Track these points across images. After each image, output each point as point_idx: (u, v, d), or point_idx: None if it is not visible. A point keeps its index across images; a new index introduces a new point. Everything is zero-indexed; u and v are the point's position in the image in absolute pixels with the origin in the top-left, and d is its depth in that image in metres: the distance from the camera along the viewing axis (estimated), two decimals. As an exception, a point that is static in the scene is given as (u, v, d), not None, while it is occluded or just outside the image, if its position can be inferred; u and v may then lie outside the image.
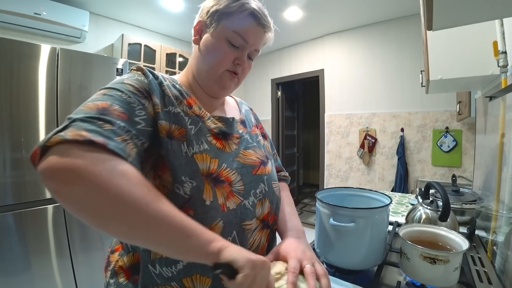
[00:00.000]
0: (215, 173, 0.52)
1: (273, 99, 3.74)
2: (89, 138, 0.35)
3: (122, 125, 0.41)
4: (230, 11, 0.55)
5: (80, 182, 0.33)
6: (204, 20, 0.58)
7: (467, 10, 0.45)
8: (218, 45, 0.56)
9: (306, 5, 2.43)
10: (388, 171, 2.76)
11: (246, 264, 0.38)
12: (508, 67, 0.80)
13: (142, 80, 0.50)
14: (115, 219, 0.35)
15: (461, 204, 1.02)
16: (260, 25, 0.57)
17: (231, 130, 0.61)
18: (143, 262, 0.50)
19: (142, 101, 0.47)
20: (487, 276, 0.68)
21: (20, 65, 1.45)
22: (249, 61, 0.61)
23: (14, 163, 1.44)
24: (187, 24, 2.81)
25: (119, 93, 0.45)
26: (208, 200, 0.49)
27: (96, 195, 0.34)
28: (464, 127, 2.31)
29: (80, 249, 1.66)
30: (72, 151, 0.34)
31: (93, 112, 0.40)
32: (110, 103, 0.42)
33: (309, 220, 3.59)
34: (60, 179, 0.34)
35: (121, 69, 1.86)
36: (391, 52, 2.71)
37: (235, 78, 0.60)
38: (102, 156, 0.36)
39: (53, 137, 0.35)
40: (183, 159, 0.49)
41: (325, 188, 0.81)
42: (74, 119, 0.38)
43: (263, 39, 0.60)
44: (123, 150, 0.39)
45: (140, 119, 0.45)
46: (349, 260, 0.65)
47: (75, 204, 0.35)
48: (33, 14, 1.91)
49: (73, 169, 0.33)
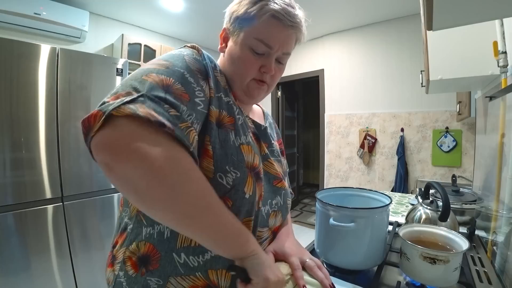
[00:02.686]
0: (257, 168, 0.51)
1: (273, 99, 3.74)
2: (161, 120, 0.35)
3: (184, 109, 0.40)
4: (250, 17, 0.51)
5: (139, 163, 0.33)
6: (228, 27, 0.55)
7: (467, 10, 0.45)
8: (241, 54, 0.53)
9: (306, 5, 2.43)
10: (388, 171, 2.76)
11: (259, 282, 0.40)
12: (508, 67, 0.80)
13: (200, 61, 0.49)
14: (163, 206, 0.36)
15: (461, 204, 1.02)
16: (285, 27, 0.52)
17: (262, 137, 0.60)
18: (165, 251, 0.47)
19: (201, 82, 0.47)
20: (487, 276, 0.68)
21: (20, 65, 1.45)
22: (279, 66, 0.57)
23: (14, 163, 1.44)
24: (187, 24, 2.81)
25: (181, 70, 0.44)
26: (248, 194, 0.48)
27: (150, 179, 0.34)
28: (464, 127, 2.31)
29: (80, 249, 1.66)
30: (139, 130, 0.34)
31: (159, 90, 0.39)
32: (173, 80, 0.42)
33: (309, 220, 3.59)
34: (119, 154, 0.33)
35: (121, 69, 1.86)
36: (391, 52, 2.71)
37: (264, 86, 0.56)
38: (167, 142, 0.36)
39: (122, 107, 0.34)
40: (229, 148, 0.48)
41: (325, 188, 0.81)
42: (142, 94, 0.37)
43: (291, 40, 0.55)
44: (187, 138, 0.38)
45: (200, 100, 0.44)
46: (349, 260, 0.65)
47: (125, 182, 0.35)
48: (33, 14, 1.91)
49: (136, 148, 0.33)
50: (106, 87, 1.77)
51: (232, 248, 0.41)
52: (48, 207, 1.55)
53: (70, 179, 1.63)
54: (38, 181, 1.52)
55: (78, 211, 1.66)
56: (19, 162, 1.46)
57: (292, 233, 0.64)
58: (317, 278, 0.48)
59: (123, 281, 0.49)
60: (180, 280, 0.46)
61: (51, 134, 1.56)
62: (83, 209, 1.69)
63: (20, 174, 1.46)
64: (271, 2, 0.51)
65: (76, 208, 1.65)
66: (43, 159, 1.53)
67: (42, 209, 1.52)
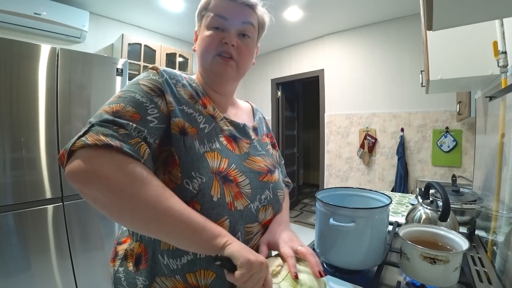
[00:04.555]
0: (224, 171, 0.53)
1: (273, 99, 3.74)
2: (107, 142, 0.40)
3: (134, 126, 0.44)
4: (207, 4, 0.58)
5: (97, 185, 0.39)
6: (196, 26, 0.62)
7: (467, 10, 0.45)
8: (203, 35, 0.57)
9: (306, 5, 2.43)
10: (388, 171, 2.76)
11: (244, 264, 0.41)
12: (508, 67, 0.80)
13: (156, 80, 0.52)
14: (128, 216, 0.41)
15: (461, 204, 1.02)
16: (236, 3, 0.56)
17: (241, 135, 0.62)
18: (153, 252, 0.52)
19: (155, 99, 0.50)
20: (487, 276, 0.68)
21: (20, 65, 1.45)
22: (243, 39, 0.58)
23: (14, 163, 1.44)
24: (187, 24, 2.81)
25: (133, 94, 0.48)
26: (216, 197, 0.50)
27: (111, 195, 0.40)
28: (464, 127, 2.31)
29: (80, 249, 1.66)
30: (91, 156, 0.40)
31: (108, 116, 0.44)
32: (123, 105, 0.46)
33: (309, 220, 3.59)
34: (82, 180, 0.39)
35: (121, 69, 1.86)
36: (391, 52, 2.71)
37: (230, 61, 0.57)
38: (118, 159, 0.41)
39: (76, 142, 0.40)
40: (195, 155, 0.50)
41: (325, 188, 0.81)
42: (93, 124, 0.42)
43: (248, 12, 0.58)
44: (137, 152, 0.43)
45: (153, 117, 0.48)
46: (349, 260, 0.65)
47: (95, 202, 0.41)
48: (33, 14, 1.91)
49: (91, 173, 0.39)
50: (106, 87, 1.77)
51: (204, 243, 0.43)
52: (48, 207, 1.55)
53: (70, 179, 1.63)
54: (38, 181, 1.52)
55: (78, 211, 1.66)
56: (19, 162, 1.46)
57: (286, 222, 0.64)
58: (309, 263, 0.50)
59: (121, 276, 0.54)
60: (164, 280, 0.50)
61: (51, 134, 1.56)
62: (83, 209, 1.69)
63: (20, 174, 1.46)
64: None
65: (76, 208, 1.65)
66: (43, 159, 1.53)
67: (42, 209, 1.52)
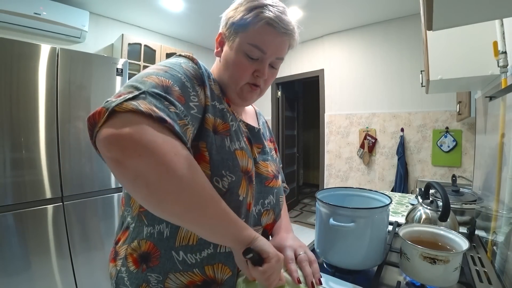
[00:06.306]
0: (250, 171, 0.54)
1: (273, 99, 3.74)
2: (161, 116, 0.37)
3: (182, 109, 0.42)
4: (245, 23, 0.52)
5: (148, 157, 0.34)
6: (224, 32, 0.57)
7: (467, 10, 0.45)
8: (236, 59, 0.54)
9: (306, 5, 2.43)
10: (388, 171, 2.76)
11: (274, 257, 0.43)
12: (508, 67, 0.80)
13: (196, 69, 0.51)
14: (174, 197, 0.37)
15: (461, 204, 1.02)
16: (279, 33, 0.53)
17: (255, 140, 0.63)
18: (165, 249, 0.50)
19: (196, 88, 0.49)
20: (487, 276, 0.68)
21: (20, 65, 1.44)
22: (272, 70, 0.59)
23: (14, 163, 1.44)
24: (187, 24, 2.81)
25: (179, 74, 0.46)
26: (242, 196, 0.51)
27: (162, 172, 0.35)
28: (464, 127, 2.31)
29: (80, 249, 1.66)
30: (143, 124, 0.35)
31: (159, 88, 0.41)
32: (172, 82, 0.43)
33: (309, 220, 3.59)
34: (129, 148, 0.34)
35: (121, 69, 1.86)
36: (391, 52, 2.71)
37: (257, 90, 0.58)
38: (170, 137, 0.37)
39: (124, 103, 0.35)
40: (225, 153, 0.50)
41: (325, 188, 0.81)
42: (144, 91, 0.38)
43: (284, 46, 0.57)
44: (184, 134, 0.40)
45: (194, 104, 0.46)
46: (349, 260, 0.65)
47: (136, 176, 0.35)
48: (33, 14, 1.91)
49: (143, 141, 0.34)
50: (106, 87, 1.77)
51: (237, 234, 0.43)
52: (48, 207, 1.55)
53: (70, 179, 1.63)
54: (38, 181, 1.52)
55: (78, 211, 1.66)
56: (19, 162, 1.46)
57: (291, 229, 0.66)
58: (303, 272, 0.51)
59: (124, 276, 0.52)
60: (179, 276, 0.50)
61: (51, 134, 1.56)
62: (83, 209, 1.69)
63: (20, 174, 1.46)
64: (266, 9, 0.52)
65: (76, 208, 1.65)
66: (43, 159, 1.53)
67: (42, 209, 1.52)
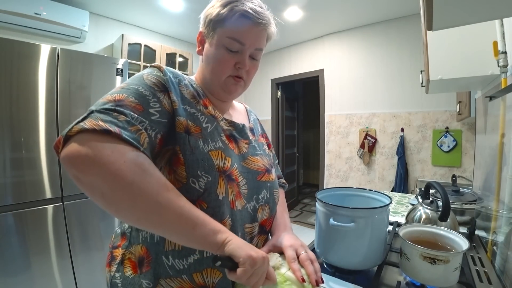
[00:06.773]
0: (228, 170, 0.54)
1: (273, 99, 3.74)
2: (105, 127, 0.38)
3: (135, 116, 0.43)
4: (222, 18, 0.54)
5: (96, 170, 0.36)
6: (203, 30, 0.59)
7: (467, 10, 0.45)
8: (217, 53, 0.56)
9: (306, 5, 2.43)
10: (388, 171, 2.75)
11: (246, 260, 0.40)
12: (508, 67, 0.80)
13: (160, 76, 0.52)
14: (128, 205, 0.38)
15: (461, 204, 1.02)
16: (255, 24, 0.55)
17: (241, 136, 0.63)
18: (156, 253, 0.51)
19: (158, 94, 0.50)
20: (487, 276, 0.68)
21: (20, 65, 1.44)
22: (253, 61, 0.60)
23: (14, 163, 1.44)
24: (187, 24, 2.81)
25: (136, 86, 0.48)
26: (221, 195, 0.51)
27: (111, 182, 0.37)
28: (464, 127, 2.31)
29: (80, 249, 1.66)
30: (90, 140, 0.37)
31: (110, 104, 0.43)
32: (126, 95, 0.45)
33: (309, 220, 3.59)
34: (79, 166, 0.37)
35: (121, 69, 1.86)
36: (391, 52, 2.71)
37: (240, 82, 0.59)
38: (117, 145, 0.38)
39: (74, 127, 0.38)
40: (199, 154, 0.51)
41: (325, 188, 0.81)
42: (92, 111, 0.41)
43: (263, 37, 0.58)
44: (136, 139, 0.41)
45: (155, 110, 0.47)
46: (349, 260, 0.65)
47: (92, 189, 0.38)
48: (33, 14, 1.91)
49: (90, 157, 0.36)
50: (106, 87, 1.77)
51: (204, 239, 0.41)
52: (48, 207, 1.55)
53: (70, 179, 1.61)
54: (38, 181, 1.52)
55: (78, 211, 1.66)
56: (19, 162, 1.46)
57: (290, 227, 0.66)
58: (306, 271, 0.51)
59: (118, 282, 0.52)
60: (169, 282, 0.50)
61: (51, 134, 1.56)
62: (83, 209, 1.69)
63: (20, 174, 1.46)
64: (240, 3, 0.54)
65: (76, 208, 1.65)
66: (43, 159, 1.53)
67: (42, 209, 1.52)
